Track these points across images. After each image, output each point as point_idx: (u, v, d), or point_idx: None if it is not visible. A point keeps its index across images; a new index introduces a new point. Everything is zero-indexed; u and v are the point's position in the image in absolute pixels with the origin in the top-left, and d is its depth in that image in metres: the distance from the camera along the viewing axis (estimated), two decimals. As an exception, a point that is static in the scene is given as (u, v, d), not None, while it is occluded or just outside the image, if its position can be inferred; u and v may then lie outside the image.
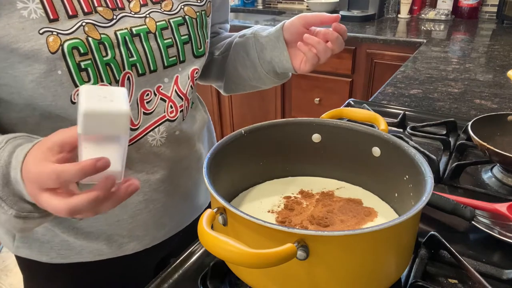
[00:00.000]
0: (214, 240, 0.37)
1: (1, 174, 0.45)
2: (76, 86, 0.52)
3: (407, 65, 1.49)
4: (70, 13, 0.51)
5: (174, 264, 0.57)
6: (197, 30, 0.64)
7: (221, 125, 2.68)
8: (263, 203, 0.59)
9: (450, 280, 0.53)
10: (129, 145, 0.60)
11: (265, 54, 0.72)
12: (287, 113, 2.42)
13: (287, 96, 2.37)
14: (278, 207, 0.58)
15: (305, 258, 0.40)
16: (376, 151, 0.59)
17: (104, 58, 0.53)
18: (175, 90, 0.63)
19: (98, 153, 0.39)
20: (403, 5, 2.39)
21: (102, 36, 0.53)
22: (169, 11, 0.60)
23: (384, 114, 0.84)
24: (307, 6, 2.75)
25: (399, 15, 2.44)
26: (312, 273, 0.42)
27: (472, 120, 0.78)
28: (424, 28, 2.14)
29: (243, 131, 0.59)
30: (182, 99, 0.64)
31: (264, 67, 0.73)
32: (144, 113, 0.59)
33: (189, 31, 0.62)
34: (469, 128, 0.76)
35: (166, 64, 0.60)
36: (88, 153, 0.40)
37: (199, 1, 0.64)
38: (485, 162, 0.78)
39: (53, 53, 0.49)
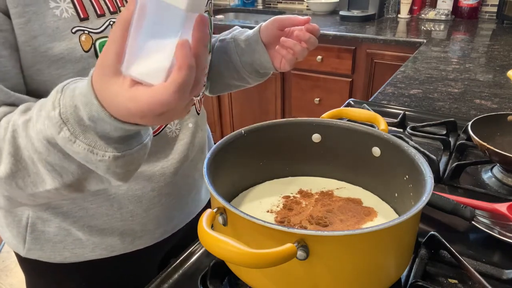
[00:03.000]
0: (214, 240, 0.37)
1: (75, 121, 0.40)
2: None
3: (407, 65, 1.49)
4: (99, 12, 0.52)
5: (174, 264, 0.57)
6: None
7: (221, 125, 2.68)
8: (263, 203, 0.59)
9: (450, 280, 0.53)
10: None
11: (246, 57, 0.76)
12: (287, 113, 2.42)
13: (287, 96, 2.37)
14: (277, 207, 0.58)
15: (305, 258, 0.40)
16: (376, 151, 0.58)
17: None
18: None
19: (157, 28, 0.34)
20: (403, 5, 2.39)
21: None
22: None
23: (384, 114, 0.84)
24: (307, 6, 2.75)
25: (399, 15, 2.44)
26: (312, 273, 0.42)
27: (472, 120, 0.78)
28: (424, 28, 2.14)
29: (243, 131, 0.59)
30: None
31: (247, 69, 0.78)
32: None
33: None
34: (469, 128, 0.76)
35: None
36: (147, 22, 0.34)
37: None
38: (485, 162, 0.78)
39: (86, 52, 0.51)
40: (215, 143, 0.55)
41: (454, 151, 0.83)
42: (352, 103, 1.09)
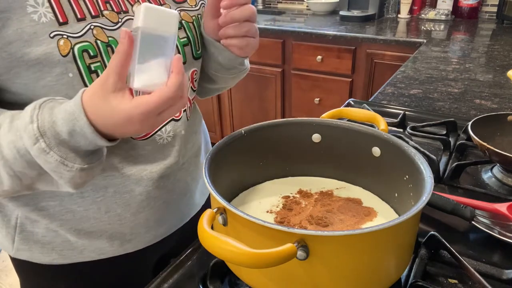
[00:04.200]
0: (214, 240, 0.37)
1: (51, 135, 0.46)
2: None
3: (407, 65, 1.49)
4: (79, 16, 0.52)
5: (174, 264, 0.57)
6: (195, 32, 0.66)
7: (221, 125, 2.68)
8: (262, 203, 0.59)
9: (450, 280, 0.53)
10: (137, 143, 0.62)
11: (211, 64, 0.71)
12: (287, 113, 2.42)
13: (287, 96, 2.37)
14: (277, 207, 0.58)
15: (305, 258, 0.40)
16: (376, 151, 0.58)
17: None
18: None
19: (151, 52, 0.45)
20: (403, 5, 2.39)
21: (109, 39, 0.54)
22: None
23: (384, 114, 0.84)
24: (307, 6, 2.75)
25: (399, 15, 2.44)
26: (312, 273, 0.42)
27: (472, 120, 0.78)
28: (424, 28, 2.15)
29: (243, 131, 0.59)
30: None
31: (221, 73, 0.73)
32: None
33: (187, 34, 0.64)
34: (469, 128, 0.76)
35: None
36: (144, 49, 0.45)
37: (193, 6, 0.67)
38: (485, 162, 0.78)
39: (64, 56, 0.50)
40: (215, 143, 0.55)
41: (454, 151, 0.83)
42: (352, 103, 1.09)
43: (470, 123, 0.77)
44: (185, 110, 0.67)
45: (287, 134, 0.63)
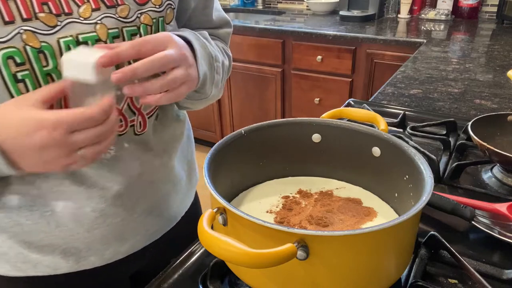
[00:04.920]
0: (214, 240, 0.37)
1: None
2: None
3: (407, 65, 1.49)
4: (6, 18, 0.46)
5: (174, 264, 0.57)
6: None
7: (221, 125, 2.68)
8: (262, 203, 0.59)
9: (450, 280, 0.53)
10: None
11: None
12: (287, 113, 2.42)
13: (287, 96, 2.37)
14: (277, 207, 0.58)
15: (305, 258, 0.40)
16: (376, 151, 0.58)
17: (45, 68, 0.49)
18: (128, 104, 0.59)
19: (80, 95, 0.47)
20: (403, 5, 2.39)
21: (42, 44, 0.48)
22: (125, 18, 0.54)
23: (384, 114, 0.84)
24: (307, 6, 2.75)
25: (399, 15, 2.44)
26: (312, 273, 0.42)
27: (472, 120, 0.78)
28: (424, 28, 2.15)
29: (243, 131, 0.59)
30: (134, 113, 0.60)
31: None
32: None
33: None
34: (469, 128, 0.76)
35: None
36: (73, 93, 0.47)
37: (158, 7, 0.57)
38: (485, 162, 0.78)
39: None
40: (215, 143, 0.55)
41: (454, 151, 0.83)
42: (352, 103, 1.09)
43: (470, 123, 0.77)
44: (132, 125, 0.60)
45: (287, 134, 0.63)
